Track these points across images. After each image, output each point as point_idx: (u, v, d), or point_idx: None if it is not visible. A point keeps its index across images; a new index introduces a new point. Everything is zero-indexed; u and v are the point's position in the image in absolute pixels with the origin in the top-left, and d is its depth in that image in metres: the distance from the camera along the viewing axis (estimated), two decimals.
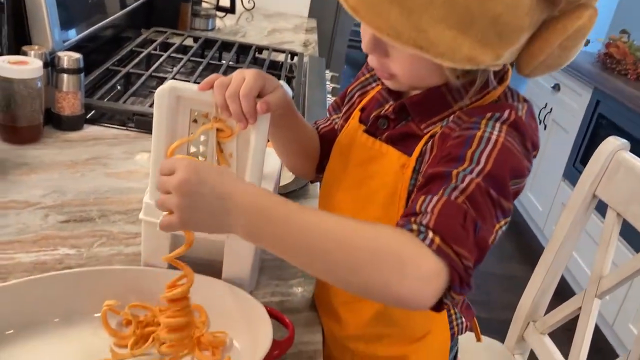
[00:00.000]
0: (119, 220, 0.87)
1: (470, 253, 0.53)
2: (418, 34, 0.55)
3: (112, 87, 1.34)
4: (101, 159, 1.04)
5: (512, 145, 0.60)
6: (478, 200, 0.55)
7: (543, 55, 0.60)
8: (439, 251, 0.52)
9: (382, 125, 0.71)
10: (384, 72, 0.66)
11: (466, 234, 0.53)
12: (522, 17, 0.57)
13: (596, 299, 1.05)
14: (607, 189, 1.06)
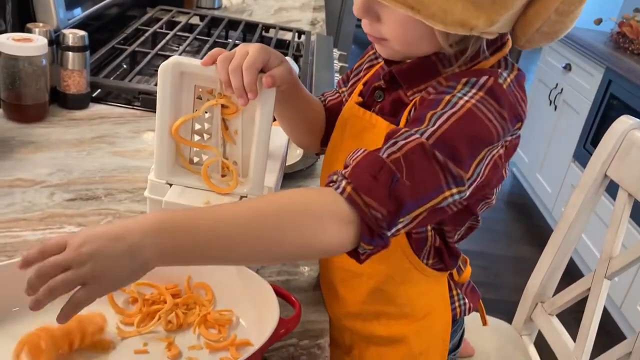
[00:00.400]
0: (125, 198, 0.86)
1: (382, 205, 0.53)
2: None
3: (118, 66, 1.33)
4: (107, 138, 1.03)
5: (481, 111, 0.58)
6: (413, 159, 0.54)
7: (539, 21, 0.58)
8: (349, 199, 0.52)
9: (378, 97, 0.70)
10: (376, 37, 0.65)
11: (377, 185, 0.53)
12: None
13: (605, 279, 1.04)
14: (619, 169, 1.05)
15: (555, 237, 1.13)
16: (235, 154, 0.66)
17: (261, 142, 0.63)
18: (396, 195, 0.53)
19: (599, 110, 2.51)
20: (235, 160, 0.66)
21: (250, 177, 0.65)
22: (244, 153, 0.65)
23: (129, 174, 0.93)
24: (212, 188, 0.65)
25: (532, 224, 2.91)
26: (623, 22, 2.64)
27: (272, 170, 0.70)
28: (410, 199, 0.54)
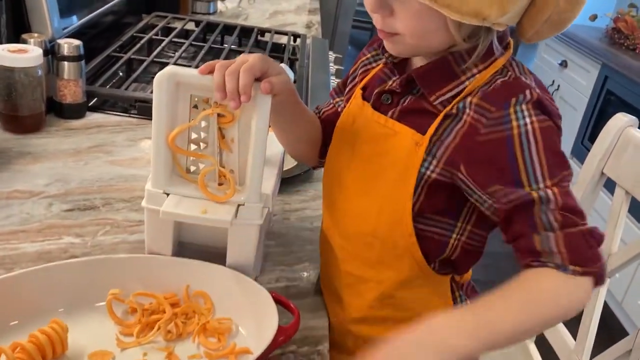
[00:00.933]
0: (123, 208, 0.87)
1: (601, 259, 0.61)
2: None
3: (114, 74, 1.33)
4: (104, 147, 1.04)
5: (545, 127, 0.61)
6: (567, 202, 0.61)
7: (549, 10, 0.60)
8: (585, 273, 0.60)
9: (385, 100, 0.70)
10: (388, 33, 0.65)
11: (593, 252, 0.61)
12: None
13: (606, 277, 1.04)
14: (616, 166, 1.05)
15: None
16: (232, 162, 0.66)
17: (257, 149, 0.63)
18: (599, 242, 0.62)
19: (595, 107, 2.51)
20: (232, 168, 0.66)
21: (247, 185, 0.65)
22: (241, 161, 0.66)
23: (127, 183, 0.93)
24: (209, 197, 0.65)
25: None
26: (618, 17, 2.64)
27: (269, 177, 0.71)
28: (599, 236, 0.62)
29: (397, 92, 0.69)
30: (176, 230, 0.69)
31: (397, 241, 0.69)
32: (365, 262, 0.73)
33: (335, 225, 0.75)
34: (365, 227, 0.70)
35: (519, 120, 0.61)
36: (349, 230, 0.73)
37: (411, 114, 0.67)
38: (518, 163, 0.61)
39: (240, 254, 0.68)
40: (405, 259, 0.70)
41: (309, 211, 0.94)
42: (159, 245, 0.69)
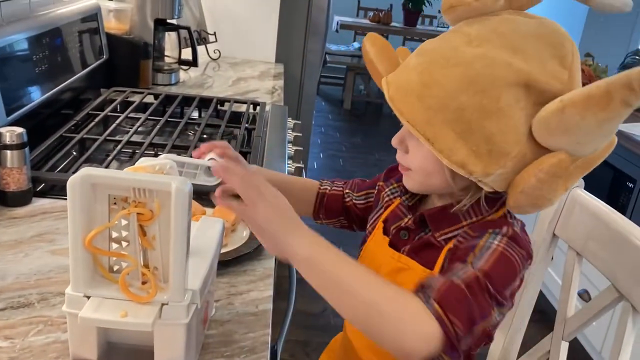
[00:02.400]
0: (60, 302, 0.84)
1: (463, 325, 0.65)
2: (428, 127, 0.70)
3: (67, 154, 1.32)
4: (47, 235, 1.01)
5: (510, 254, 0.72)
6: (474, 288, 0.67)
7: (522, 184, 0.70)
8: (438, 318, 0.64)
9: (403, 236, 0.85)
10: (403, 167, 0.82)
11: (460, 308, 0.65)
12: (511, 144, 0.69)
13: (563, 341, 1.02)
14: (566, 228, 1.05)
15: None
16: (155, 260, 0.65)
17: (178, 247, 0.62)
18: (472, 319, 0.66)
19: None
20: (155, 265, 0.65)
21: (170, 283, 0.64)
22: (164, 258, 0.64)
23: (66, 274, 0.89)
24: (130, 297, 0.63)
25: None
26: None
27: (198, 269, 0.69)
28: (479, 319, 0.67)
29: (412, 229, 0.84)
30: (102, 331, 0.66)
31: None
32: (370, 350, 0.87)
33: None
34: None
35: (488, 239, 0.73)
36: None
37: (420, 248, 0.82)
38: (469, 256, 0.72)
39: (169, 355, 0.66)
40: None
41: (255, 293, 0.91)
42: (84, 349, 0.66)
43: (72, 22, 1.57)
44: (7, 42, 1.21)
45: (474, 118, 0.69)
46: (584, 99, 0.64)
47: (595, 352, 2.18)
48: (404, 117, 0.72)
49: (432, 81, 0.71)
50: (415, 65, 0.74)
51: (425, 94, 0.71)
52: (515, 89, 0.68)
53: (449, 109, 0.69)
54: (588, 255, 1.00)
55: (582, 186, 1.06)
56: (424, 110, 0.71)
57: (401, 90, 0.74)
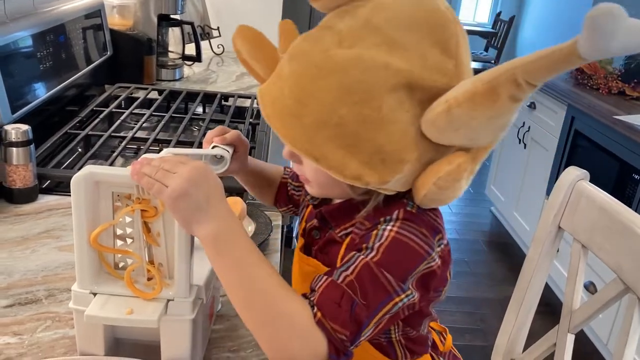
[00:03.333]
0: (67, 298, 0.84)
1: (345, 328, 0.61)
2: (312, 147, 0.64)
3: (72, 151, 1.33)
4: (54, 232, 1.02)
5: (405, 235, 0.66)
6: (363, 278, 0.63)
7: (424, 190, 0.66)
8: (320, 324, 0.60)
9: (315, 235, 0.81)
10: (302, 177, 0.76)
11: (340, 312, 0.61)
12: (402, 151, 0.64)
13: (569, 334, 1.02)
14: (571, 220, 1.04)
15: (517, 294, 1.12)
16: (160, 256, 0.65)
17: (182, 243, 0.62)
18: (356, 318, 0.61)
19: (565, 146, 2.53)
20: (160, 262, 0.65)
21: (175, 279, 0.64)
22: (169, 254, 0.64)
23: (73, 271, 0.89)
24: (136, 294, 0.64)
25: (513, 263, 2.90)
26: None
27: (203, 266, 0.69)
28: (366, 318, 0.62)
29: (321, 228, 0.80)
30: (109, 328, 0.67)
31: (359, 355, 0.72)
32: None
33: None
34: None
35: (381, 227, 0.68)
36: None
37: (327, 247, 0.78)
38: (362, 247, 0.66)
39: (176, 350, 0.66)
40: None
41: None
42: (91, 345, 0.66)
43: (76, 19, 1.57)
44: (11, 39, 1.22)
45: (358, 131, 0.63)
46: (469, 98, 0.59)
47: (601, 344, 2.18)
48: (284, 138, 0.66)
49: (306, 96, 0.63)
50: (288, 76, 0.66)
51: (302, 112, 0.64)
52: (396, 92, 0.63)
53: (330, 125, 0.63)
54: (593, 247, 0.99)
55: (588, 179, 1.05)
56: (304, 129, 0.64)
57: (277, 106, 0.66)
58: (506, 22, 5.78)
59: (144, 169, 0.61)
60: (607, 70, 2.58)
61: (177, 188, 0.59)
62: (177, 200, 0.59)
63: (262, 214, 1.10)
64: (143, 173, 0.61)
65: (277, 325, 0.60)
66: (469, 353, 1.15)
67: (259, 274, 0.62)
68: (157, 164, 0.61)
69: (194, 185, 0.60)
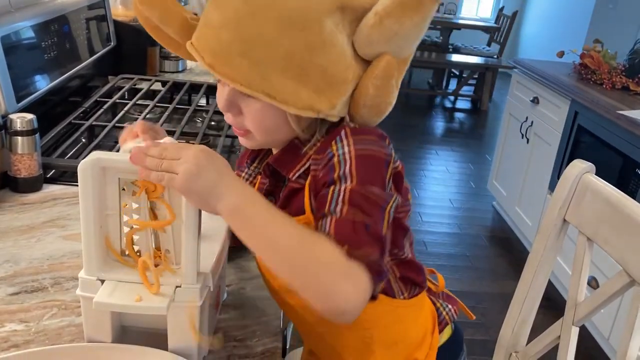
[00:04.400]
0: (73, 287, 0.84)
1: (372, 248, 0.63)
2: (265, 83, 0.66)
3: (76, 141, 1.33)
4: (59, 221, 1.02)
5: (364, 149, 0.69)
6: (358, 202, 0.65)
7: (362, 98, 0.70)
8: (350, 255, 0.61)
9: (271, 199, 0.79)
10: (240, 129, 0.76)
11: (359, 237, 0.63)
12: (345, 71, 0.69)
13: (574, 326, 1.02)
14: (576, 213, 1.04)
15: (521, 287, 1.12)
16: (167, 242, 0.65)
17: (190, 229, 0.62)
18: (374, 235, 0.64)
19: (569, 141, 2.53)
20: (167, 248, 0.65)
21: (182, 266, 0.64)
22: (176, 240, 0.64)
23: (79, 259, 0.91)
24: (145, 281, 0.63)
25: (515, 258, 2.90)
26: (584, 53, 2.69)
27: (210, 253, 0.69)
28: (380, 229, 0.65)
29: (273, 189, 0.79)
30: (116, 315, 0.67)
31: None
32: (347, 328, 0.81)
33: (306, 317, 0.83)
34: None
35: (338, 152, 0.69)
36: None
37: (288, 201, 0.76)
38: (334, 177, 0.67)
39: (183, 337, 0.66)
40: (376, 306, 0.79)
41: None
42: (98, 332, 0.66)
43: (80, 9, 1.57)
44: (16, 28, 1.21)
45: (304, 58, 0.66)
46: (397, 7, 0.65)
47: (603, 339, 2.18)
48: (233, 81, 0.67)
49: (250, 35, 0.65)
50: (223, 22, 0.67)
51: (249, 50, 0.66)
52: (332, 15, 0.67)
53: (278, 58, 0.66)
54: (599, 240, 0.99)
55: (594, 171, 1.05)
56: (253, 66, 0.66)
57: (219, 53, 0.67)
58: (509, 17, 5.76)
59: (148, 164, 0.60)
60: (610, 65, 2.57)
61: (187, 172, 0.59)
62: (190, 184, 0.59)
63: None
64: (149, 169, 0.60)
65: (321, 275, 0.59)
66: (471, 347, 1.15)
67: (288, 231, 0.61)
68: (157, 154, 0.61)
69: (202, 165, 0.60)
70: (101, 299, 0.61)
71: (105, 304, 0.61)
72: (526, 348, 1.13)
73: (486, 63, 5.55)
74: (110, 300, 0.61)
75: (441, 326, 0.91)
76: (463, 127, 5.13)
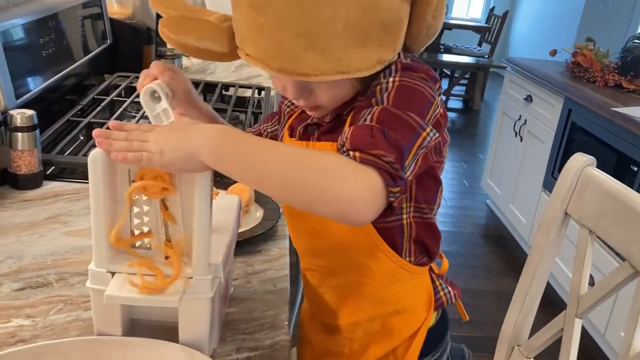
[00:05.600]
0: (78, 282, 0.84)
1: (387, 152, 0.60)
2: (335, 63, 0.66)
3: (74, 138, 1.32)
4: (61, 217, 1.01)
5: (409, 81, 0.69)
6: (385, 119, 0.63)
7: (422, 29, 0.72)
8: (362, 160, 0.59)
9: (312, 131, 0.81)
10: (312, 107, 0.76)
11: (376, 140, 0.60)
12: (398, 12, 0.69)
13: (577, 319, 1.03)
14: (579, 206, 1.05)
15: (523, 281, 1.13)
16: (178, 234, 0.64)
17: (201, 220, 0.62)
18: (392, 142, 0.61)
19: (562, 139, 2.55)
20: (178, 240, 0.65)
21: (194, 257, 0.64)
22: (186, 232, 0.64)
23: (83, 255, 0.91)
24: (155, 272, 0.63)
25: (509, 256, 2.91)
26: (577, 51, 2.71)
27: (220, 244, 0.69)
28: (404, 142, 0.62)
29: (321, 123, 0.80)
30: (126, 308, 0.66)
31: (365, 243, 0.79)
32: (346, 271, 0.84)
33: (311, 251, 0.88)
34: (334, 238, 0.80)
35: (383, 81, 0.69)
36: (323, 249, 0.85)
37: (330, 130, 0.78)
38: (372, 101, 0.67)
39: (194, 329, 0.66)
40: (379, 256, 0.80)
41: (271, 272, 0.92)
42: (108, 325, 0.66)
43: (75, 6, 1.56)
44: (14, 24, 1.20)
45: (362, 21, 0.66)
46: None
47: (599, 335, 2.20)
48: (308, 77, 0.67)
49: (307, 25, 0.64)
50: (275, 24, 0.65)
51: (312, 41, 0.65)
52: None
53: (340, 34, 0.65)
54: (601, 232, 1.00)
55: (595, 164, 1.06)
56: (321, 54, 0.65)
57: (284, 55, 0.66)
58: (499, 17, 5.79)
59: (118, 147, 0.60)
60: (603, 63, 2.59)
61: (160, 144, 0.59)
62: (168, 155, 0.58)
63: (269, 199, 1.10)
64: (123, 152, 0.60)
65: (322, 183, 0.57)
66: (467, 344, 1.15)
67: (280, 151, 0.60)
68: (124, 137, 0.61)
69: (168, 135, 0.60)
70: (112, 292, 0.61)
71: (117, 297, 0.61)
72: (529, 342, 1.13)
73: (477, 63, 5.58)
74: (122, 293, 0.61)
75: (436, 305, 0.90)
76: (455, 127, 5.14)
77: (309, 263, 0.91)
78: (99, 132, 0.61)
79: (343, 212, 0.57)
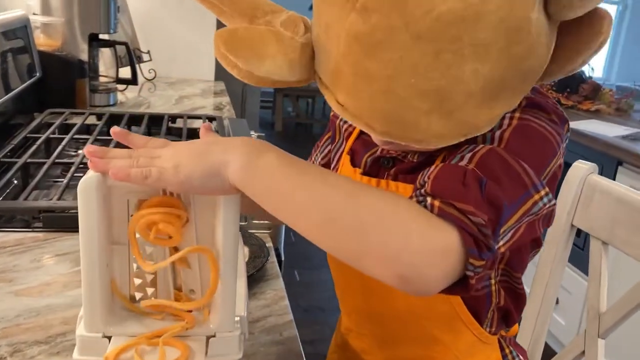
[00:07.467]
0: (39, 353, 0.67)
1: (479, 209, 0.45)
2: (460, 127, 0.51)
3: (8, 183, 1.13)
4: (5, 274, 0.83)
5: (533, 121, 0.54)
6: (490, 164, 0.49)
7: (567, 66, 0.54)
8: (441, 213, 0.45)
9: (387, 164, 0.64)
10: (401, 150, 0.62)
11: (468, 190, 0.46)
12: (546, 55, 0.53)
13: (600, 339, 0.95)
14: (586, 217, 0.98)
15: (531, 302, 1.04)
16: (192, 280, 0.51)
17: (228, 260, 0.48)
18: (490, 198, 0.46)
19: None
20: (192, 288, 0.51)
21: (217, 308, 0.50)
22: (203, 277, 0.50)
23: (40, 317, 0.73)
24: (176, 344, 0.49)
25: None
26: None
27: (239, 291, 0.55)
28: (505, 200, 0.47)
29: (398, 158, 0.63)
30: None
31: (441, 311, 0.60)
32: (410, 343, 0.66)
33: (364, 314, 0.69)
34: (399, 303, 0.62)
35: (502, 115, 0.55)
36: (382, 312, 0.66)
37: (411, 170, 0.61)
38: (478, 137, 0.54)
39: None
40: (457, 327, 0.63)
41: (273, 319, 0.78)
42: None
43: None
44: None
45: (505, 76, 0.51)
46: None
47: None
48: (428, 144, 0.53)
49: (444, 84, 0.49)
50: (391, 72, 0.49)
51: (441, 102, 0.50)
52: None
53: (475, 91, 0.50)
54: (616, 242, 0.93)
55: (597, 171, 1.00)
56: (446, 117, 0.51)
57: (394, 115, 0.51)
58: None
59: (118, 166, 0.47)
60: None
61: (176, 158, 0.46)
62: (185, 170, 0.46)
63: (252, 235, 0.97)
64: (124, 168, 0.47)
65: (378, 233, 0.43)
66: None
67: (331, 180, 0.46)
68: (126, 155, 0.49)
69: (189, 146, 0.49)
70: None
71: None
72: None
73: None
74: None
75: None
76: None
77: (357, 325, 0.74)
78: (93, 149, 0.47)
79: (400, 275, 0.43)
